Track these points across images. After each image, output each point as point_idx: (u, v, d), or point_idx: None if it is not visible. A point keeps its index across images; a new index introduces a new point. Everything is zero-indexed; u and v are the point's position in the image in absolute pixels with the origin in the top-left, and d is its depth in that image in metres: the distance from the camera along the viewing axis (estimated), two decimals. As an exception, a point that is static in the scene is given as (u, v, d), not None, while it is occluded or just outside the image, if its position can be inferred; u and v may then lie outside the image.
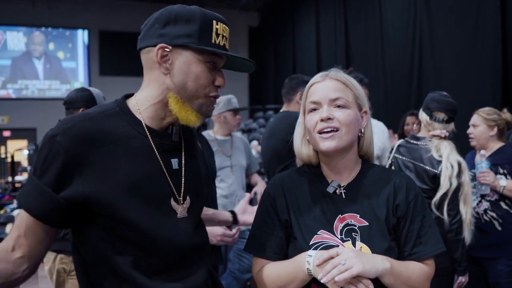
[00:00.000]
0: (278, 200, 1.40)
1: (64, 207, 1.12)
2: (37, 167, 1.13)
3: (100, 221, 1.15)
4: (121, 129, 1.19)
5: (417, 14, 7.40)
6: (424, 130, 2.68)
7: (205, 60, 1.21)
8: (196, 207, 1.33)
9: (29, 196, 1.13)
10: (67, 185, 1.12)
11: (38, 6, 12.36)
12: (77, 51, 13.63)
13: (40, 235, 1.14)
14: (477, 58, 6.25)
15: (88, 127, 1.15)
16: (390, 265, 1.24)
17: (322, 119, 1.32)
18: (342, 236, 1.32)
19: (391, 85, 8.12)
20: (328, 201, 1.37)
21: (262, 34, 13.87)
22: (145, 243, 1.17)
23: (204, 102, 1.24)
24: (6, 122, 12.83)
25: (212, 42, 1.20)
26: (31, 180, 1.13)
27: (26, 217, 1.13)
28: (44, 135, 1.18)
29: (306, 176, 1.44)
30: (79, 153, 1.12)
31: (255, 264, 1.41)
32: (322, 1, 10.51)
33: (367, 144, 1.45)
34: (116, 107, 1.23)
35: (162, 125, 1.25)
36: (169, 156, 1.26)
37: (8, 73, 12.96)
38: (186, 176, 1.29)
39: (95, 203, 1.12)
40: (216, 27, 1.22)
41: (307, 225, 1.34)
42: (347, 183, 1.39)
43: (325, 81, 1.38)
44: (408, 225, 1.34)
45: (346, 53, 9.60)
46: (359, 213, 1.34)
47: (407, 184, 1.39)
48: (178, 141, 1.31)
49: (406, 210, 1.35)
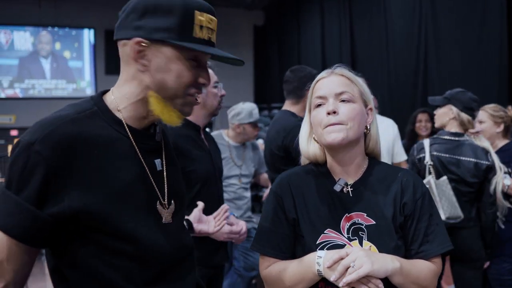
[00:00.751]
0: (285, 198, 1.40)
1: (49, 225, 1.00)
2: (12, 181, 0.99)
3: (91, 237, 1.05)
4: (103, 131, 1.09)
5: (422, 14, 7.36)
6: (459, 127, 2.71)
7: (187, 57, 1.10)
8: (180, 212, 1.27)
9: (8, 216, 0.98)
10: (51, 199, 0.99)
11: (44, 6, 12.41)
12: (83, 50, 13.67)
13: (24, 258, 1.01)
14: (483, 58, 6.21)
15: (69, 131, 1.03)
16: (399, 265, 1.24)
17: (329, 112, 1.33)
18: (349, 235, 1.32)
19: (396, 85, 8.08)
20: (335, 199, 1.37)
21: (267, 33, 13.83)
22: (140, 253, 1.09)
23: (187, 102, 1.14)
24: (13, 122, 12.90)
25: (195, 36, 1.08)
26: (6, 196, 0.99)
27: (6, 240, 0.98)
28: (16, 142, 1.04)
29: (313, 174, 1.44)
30: (62, 162, 1.00)
31: (262, 262, 1.41)
32: (327, 1, 10.47)
33: (373, 142, 1.45)
34: (94, 106, 1.14)
35: (143, 124, 1.17)
36: (152, 157, 1.19)
37: (15, 73, 13.02)
38: (169, 178, 1.22)
39: (85, 217, 1.02)
40: (200, 19, 1.08)
41: (314, 224, 1.35)
42: (354, 181, 1.39)
43: (330, 77, 1.39)
44: (415, 224, 1.34)
45: (351, 52, 9.57)
46: (366, 211, 1.34)
47: (414, 182, 1.39)
48: (160, 140, 1.24)
49: (414, 209, 1.35)
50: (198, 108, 2.42)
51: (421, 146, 2.71)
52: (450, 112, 2.76)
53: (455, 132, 2.66)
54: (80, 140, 1.03)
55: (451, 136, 2.66)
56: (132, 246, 1.07)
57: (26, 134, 1.03)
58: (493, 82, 6.03)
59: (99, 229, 1.04)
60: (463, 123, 2.73)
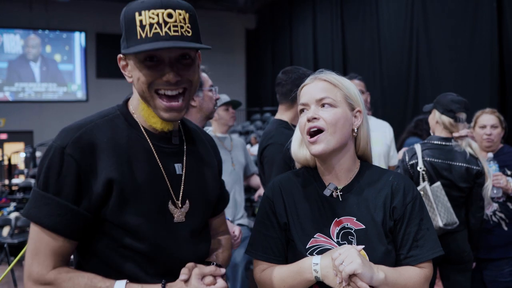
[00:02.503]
0: (276, 203, 1.39)
1: (86, 219, 1.12)
2: (50, 184, 1.10)
3: (106, 231, 1.14)
4: (123, 133, 1.18)
5: (414, 16, 7.42)
6: (444, 131, 2.70)
7: (141, 59, 1.12)
8: (196, 211, 1.28)
9: (54, 217, 1.09)
10: (84, 196, 1.11)
11: (35, 8, 12.35)
12: (74, 53, 13.63)
13: (70, 248, 1.14)
14: (474, 61, 6.27)
15: (94, 135, 1.13)
16: (383, 276, 1.22)
17: (308, 119, 1.32)
18: (339, 239, 1.31)
19: (388, 87, 8.13)
20: (325, 204, 1.36)
21: (259, 36, 13.87)
22: (145, 250, 1.15)
23: (157, 104, 1.15)
24: (3, 125, 12.80)
25: (138, 38, 1.10)
26: (48, 198, 1.10)
27: (55, 237, 1.10)
28: (49, 147, 1.14)
29: (304, 178, 1.43)
30: (90, 162, 1.11)
31: (256, 267, 1.40)
32: (319, 3, 10.53)
33: (363, 144, 1.43)
34: (117, 111, 1.22)
35: (158, 127, 1.22)
36: (171, 161, 1.24)
37: (5, 76, 12.95)
38: (187, 181, 1.25)
39: (103, 212, 1.12)
40: (140, 19, 1.10)
41: (304, 229, 1.34)
42: (344, 185, 1.38)
43: (313, 83, 1.38)
44: (404, 228, 1.32)
45: (343, 54, 9.62)
46: (356, 216, 1.33)
47: (405, 186, 1.37)
48: (179, 144, 1.28)
49: (403, 213, 1.33)
50: (194, 111, 2.40)
51: (413, 151, 2.69)
52: (434, 116, 2.77)
53: (444, 137, 2.67)
54: (102, 142, 1.14)
55: (441, 141, 2.65)
56: (139, 241, 1.15)
57: (57, 140, 1.13)
58: (485, 86, 6.09)
59: (112, 223, 1.13)
60: (446, 126, 2.69)
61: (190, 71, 1.17)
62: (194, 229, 1.27)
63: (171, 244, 1.19)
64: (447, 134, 2.69)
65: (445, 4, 6.77)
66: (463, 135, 2.64)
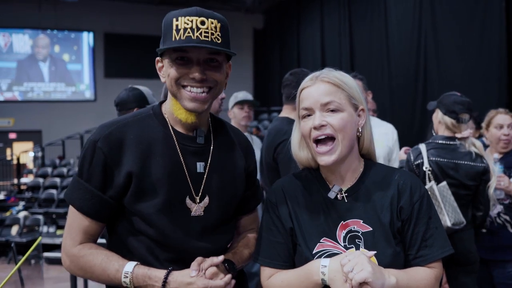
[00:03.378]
0: (280, 207, 1.36)
1: (110, 205, 1.28)
2: (83, 171, 1.27)
3: (124, 214, 1.30)
4: (151, 131, 1.31)
5: (422, 17, 7.38)
6: (447, 131, 2.70)
7: (173, 58, 1.26)
8: (216, 207, 1.35)
9: (84, 200, 1.27)
10: (109, 185, 1.26)
11: (44, 9, 12.42)
12: (82, 53, 13.69)
13: (96, 228, 1.30)
14: (482, 61, 6.22)
15: (124, 132, 1.28)
16: (395, 280, 1.19)
17: (316, 127, 1.27)
18: (346, 243, 1.27)
19: (396, 87, 8.09)
20: (330, 207, 1.32)
21: (267, 36, 13.87)
22: (157, 237, 1.28)
23: (183, 96, 1.27)
24: (12, 124, 12.88)
25: (172, 40, 1.23)
26: (81, 184, 1.28)
27: (83, 218, 1.28)
28: (87, 140, 1.32)
29: (306, 181, 1.39)
30: (116, 155, 1.26)
31: (263, 273, 1.37)
32: (327, 4, 10.50)
33: (367, 143, 1.39)
34: (150, 111, 1.36)
35: (187, 127, 1.34)
36: (194, 159, 1.34)
37: (14, 76, 13.03)
38: (208, 179, 1.35)
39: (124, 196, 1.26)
40: (176, 24, 1.23)
41: (310, 233, 1.31)
42: (349, 186, 1.34)
43: (315, 85, 1.31)
44: (412, 228, 1.29)
45: (351, 54, 9.59)
46: (362, 218, 1.29)
47: (412, 184, 1.33)
48: (205, 144, 1.36)
49: (410, 212, 1.29)
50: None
51: (418, 151, 2.67)
52: (437, 116, 2.78)
53: (448, 136, 2.66)
54: (129, 138, 1.28)
55: (446, 140, 2.65)
56: (150, 229, 1.27)
57: (93, 134, 1.29)
58: (493, 86, 6.04)
59: (130, 210, 1.28)
60: (448, 127, 2.69)
61: (216, 73, 1.28)
62: (212, 223, 1.36)
63: (182, 235, 1.30)
64: (450, 134, 2.68)
65: (453, 4, 6.72)
66: (466, 136, 2.64)
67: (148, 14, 12.01)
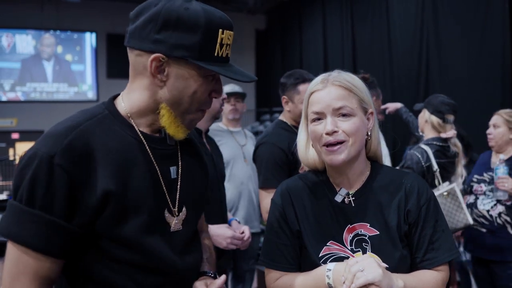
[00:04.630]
0: (287, 210, 1.35)
1: (77, 236, 1.02)
2: (36, 198, 0.96)
3: (97, 244, 1.04)
4: (117, 137, 1.08)
5: (424, 17, 7.36)
6: (432, 131, 2.76)
7: (205, 74, 1.08)
8: (192, 218, 1.23)
9: (41, 235, 0.96)
10: (77, 210, 1.00)
11: (46, 9, 12.44)
12: (85, 54, 13.70)
13: (57, 269, 1.03)
14: (485, 61, 6.20)
15: (86, 140, 1.02)
16: (403, 284, 1.19)
17: (328, 133, 1.26)
18: (352, 246, 1.27)
19: (398, 88, 8.07)
20: (337, 210, 1.32)
21: (269, 37, 13.85)
22: (141, 262, 1.08)
23: (196, 117, 1.14)
24: (14, 125, 12.90)
25: (215, 55, 1.06)
26: (33, 216, 0.96)
27: (39, 259, 0.98)
28: (31, 154, 0.99)
29: (313, 183, 1.38)
30: (82, 172, 0.99)
31: (269, 276, 1.37)
32: (329, 5, 10.48)
33: (374, 146, 1.39)
34: (104, 110, 1.12)
35: (153, 128, 1.15)
36: (167, 164, 1.16)
37: (17, 76, 13.05)
38: (182, 186, 1.19)
39: (98, 225, 1.02)
40: (222, 37, 1.06)
41: (316, 236, 1.30)
42: (356, 189, 1.34)
43: (326, 88, 1.29)
44: (419, 231, 1.29)
45: (353, 55, 9.57)
46: (369, 222, 1.29)
47: (419, 187, 1.33)
48: (174, 144, 1.21)
49: (418, 216, 1.29)
50: None
51: (426, 153, 2.70)
52: (424, 116, 2.86)
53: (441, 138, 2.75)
54: (95, 148, 1.03)
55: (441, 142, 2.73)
56: (135, 254, 1.06)
57: (42, 146, 0.99)
58: (496, 86, 6.02)
59: (104, 236, 1.03)
60: (434, 126, 2.80)
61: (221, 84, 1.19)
62: (190, 237, 1.22)
63: (168, 254, 1.11)
64: (435, 134, 2.78)
65: (455, 6, 6.70)
66: (450, 136, 2.77)
67: (150, 15, 11.99)
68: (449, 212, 2.67)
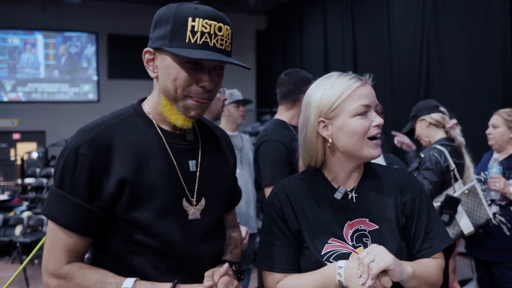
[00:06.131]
0: (285, 209, 1.35)
1: (98, 217, 1.15)
2: (65, 182, 1.14)
3: (118, 227, 1.17)
4: (137, 132, 1.21)
5: (425, 18, 7.37)
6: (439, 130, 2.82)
7: (182, 61, 1.15)
8: (212, 208, 1.28)
9: (69, 214, 1.13)
10: (97, 194, 1.14)
11: (48, 10, 12.48)
12: (86, 54, 13.74)
13: (84, 244, 1.18)
14: (485, 62, 6.21)
15: (109, 135, 1.17)
16: (412, 270, 1.22)
17: (378, 125, 1.32)
18: (353, 242, 1.29)
19: (399, 89, 8.09)
20: (336, 207, 1.33)
21: (269, 37, 13.88)
22: (157, 246, 1.18)
23: (187, 105, 1.18)
24: (16, 125, 12.94)
25: (186, 42, 1.13)
26: (63, 197, 1.14)
27: (69, 234, 1.15)
28: (64, 147, 1.17)
29: (310, 182, 1.39)
30: (102, 161, 1.14)
31: (269, 278, 1.35)
32: (330, 5, 10.50)
33: None
34: (131, 110, 1.25)
35: (175, 125, 1.24)
36: (186, 157, 1.25)
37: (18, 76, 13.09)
38: (201, 177, 1.27)
39: (116, 205, 1.15)
40: (192, 24, 1.13)
41: (316, 235, 1.31)
42: (353, 186, 1.37)
43: (367, 86, 1.35)
44: (415, 222, 1.34)
45: (354, 56, 9.59)
46: (368, 217, 1.32)
47: (410, 181, 1.39)
48: (194, 140, 1.29)
49: (413, 207, 1.34)
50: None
51: (443, 154, 2.73)
52: (424, 122, 2.90)
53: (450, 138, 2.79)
54: (116, 142, 1.17)
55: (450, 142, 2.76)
56: (150, 238, 1.17)
57: (73, 140, 1.16)
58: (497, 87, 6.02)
59: (123, 220, 1.16)
60: (439, 123, 2.86)
61: (220, 79, 1.23)
62: (210, 226, 1.28)
63: (183, 241, 1.20)
64: (442, 132, 2.83)
65: (456, 6, 6.72)
66: (454, 123, 2.83)
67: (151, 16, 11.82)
68: (471, 209, 2.69)
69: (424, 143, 2.95)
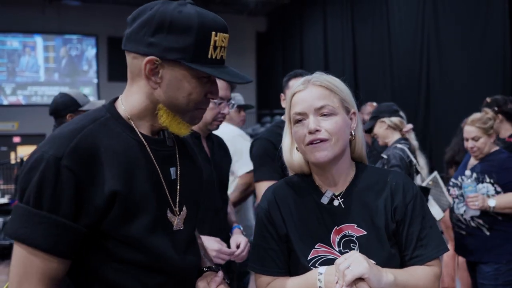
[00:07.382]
0: (273, 214, 1.35)
1: (83, 236, 1.03)
2: (44, 199, 0.98)
3: (102, 244, 1.06)
4: (119, 138, 1.10)
5: (425, 19, 7.37)
6: (395, 133, 3.06)
7: (199, 75, 1.09)
8: (192, 216, 1.25)
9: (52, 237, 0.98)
10: (84, 210, 1.01)
11: (48, 13, 12.48)
12: (86, 57, 13.74)
13: (64, 269, 1.04)
14: (485, 62, 6.20)
15: (90, 142, 1.04)
16: (393, 278, 1.19)
17: (310, 132, 1.26)
18: (340, 248, 1.27)
19: (399, 89, 8.09)
20: (323, 212, 1.32)
21: (269, 39, 13.87)
22: (146, 262, 1.10)
23: (196, 115, 1.16)
24: (16, 128, 12.93)
25: (209, 57, 1.08)
26: (42, 217, 0.98)
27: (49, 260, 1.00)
28: (37, 157, 1.01)
29: (298, 186, 1.38)
30: (89, 173, 1.02)
31: (260, 280, 1.36)
32: (330, 6, 10.51)
33: (359, 146, 1.39)
34: (106, 113, 1.14)
35: (153, 129, 1.17)
36: (167, 165, 1.19)
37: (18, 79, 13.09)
38: (182, 185, 1.22)
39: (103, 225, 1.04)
40: (215, 39, 1.08)
41: (304, 240, 1.30)
42: (341, 191, 1.34)
43: (307, 89, 1.31)
44: (407, 228, 1.29)
45: (354, 57, 9.59)
46: (356, 222, 1.29)
47: (404, 185, 1.34)
48: (172, 145, 1.24)
49: (404, 213, 1.30)
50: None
51: (405, 151, 2.88)
52: (384, 124, 3.04)
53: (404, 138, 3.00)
54: (101, 150, 1.05)
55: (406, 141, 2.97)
56: (140, 253, 1.08)
57: (48, 149, 1.01)
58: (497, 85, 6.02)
59: (109, 236, 1.05)
60: (397, 126, 3.00)
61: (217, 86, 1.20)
62: (191, 235, 1.25)
63: (172, 253, 1.14)
64: (398, 134, 3.01)
65: (456, 6, 6.72)
66: (410, 127, 3.03)
67: (151, 18, 12.03)
68: (437, 198, 2.89)
69: (381, 142, 3.15)
